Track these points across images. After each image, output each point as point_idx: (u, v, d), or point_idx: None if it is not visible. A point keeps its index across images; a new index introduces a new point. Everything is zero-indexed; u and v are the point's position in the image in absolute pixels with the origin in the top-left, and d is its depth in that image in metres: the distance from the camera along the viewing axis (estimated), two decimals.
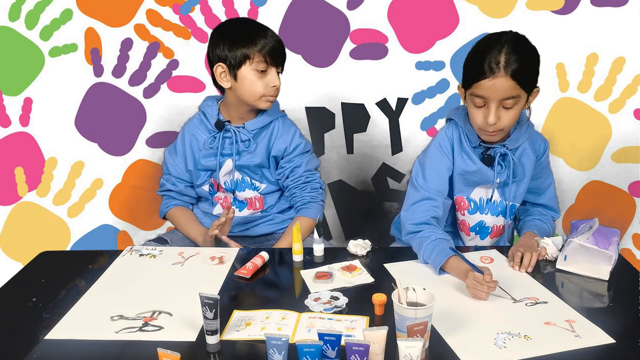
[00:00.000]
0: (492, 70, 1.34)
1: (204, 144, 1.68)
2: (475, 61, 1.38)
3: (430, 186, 1.48)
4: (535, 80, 1.41)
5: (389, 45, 2.09)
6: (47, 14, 2.02)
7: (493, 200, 1.54)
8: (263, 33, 1.57)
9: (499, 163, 1.48)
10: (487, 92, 1.36)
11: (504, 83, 1.34)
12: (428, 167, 1.50)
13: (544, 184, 1.62)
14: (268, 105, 1.62)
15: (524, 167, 1.52)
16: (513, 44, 1.35)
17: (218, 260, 1.48)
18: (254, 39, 1.54)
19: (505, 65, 1.33)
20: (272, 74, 1.58)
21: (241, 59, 1.55)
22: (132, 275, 1.40)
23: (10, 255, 2.16)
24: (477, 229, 1.58)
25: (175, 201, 1.77)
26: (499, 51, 1.34)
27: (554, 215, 1.64)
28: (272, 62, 1.57)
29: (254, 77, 1.56)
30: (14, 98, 2.06)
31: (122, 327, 1.17)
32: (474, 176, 1.51)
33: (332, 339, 1.00)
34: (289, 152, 1.70)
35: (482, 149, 1.49)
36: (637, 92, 2.05)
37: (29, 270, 1.46)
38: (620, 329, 1.14)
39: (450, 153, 1.50)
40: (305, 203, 1.71)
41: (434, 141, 1.54)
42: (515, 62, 1.33)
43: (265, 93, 1.58)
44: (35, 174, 2.13)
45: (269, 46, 1.55)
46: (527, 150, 1.52)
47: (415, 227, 1.45)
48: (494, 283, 1.23)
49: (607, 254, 1.33)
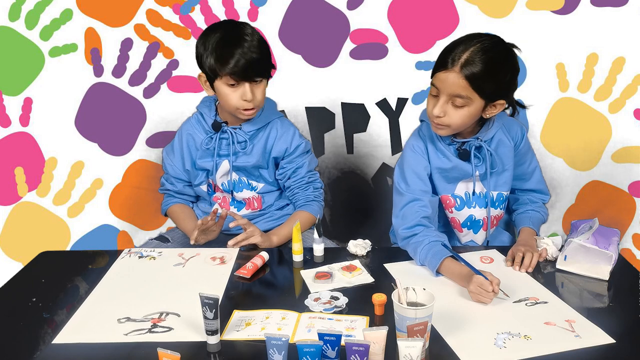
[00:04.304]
0: (449, 63, 1.34)
1: (200, 144, 1.68)
2: (444, 51, 1.38)
3: (413, 188, 1.48)
4: (497, 91, 1.37)
5: (389, 45, 2.09)
6: (47, 14, 2.02)
7: (478, 193, 1.54)
8: (233, 49, 1.50)
9: (475, 156, 1.48)
10: (440, 84, 1.37)
11: (456, 80, 1.33)
12: (407, 170, 1.50)
13: (529, 169, 1.62)
14: (246, 117, 1.61)
15: (501, 158, 1.52)
16: (485, 47, 1.33)
17: (219, 260, 1.48)
18: (220, 56, 1.51)
19: (463, 64, 1.32)
20: (245, 88, 1.54)
21: (212, 75, 1.55)
22: (135, 277, 1.40)
23: (10, 255, 2.16)
24: (468, 223, 1.57)
25: (175, 199, 1.77)
26: (465, 48, 1.33)
27: (544, 198, 1.65)
28: (243, 79, 1.53)
29: (227, 91, 1.55)
30: (14, 98, 2.06)
31: (130, 329, 1.16)
32: (453, 172, 1.51)
33: (332, 339, 1.00)
34: (290, 153, 1.70)
35: (457, 144, 1.49)
36: (637, 92, 2.05)
37: (29, 270, 1.46)
38: (620, 329, 1.14)
39: (424, 152, 1.51)
40: (308, 201, 1.71)
41: (408, 144, 1.55)
42: (475, 64, 1.32)
43: (239, 106, 1.56)
44: (35, 174, 2.13)
45: (237, 64, 1.50)
46: (502, 140, 1.51)
47: (409, 232, 1.44)
48: (497, 288, 1.23)
49: (607, 254, 1.33)
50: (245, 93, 1.54)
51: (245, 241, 1.54)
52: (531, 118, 2.13)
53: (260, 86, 1.57)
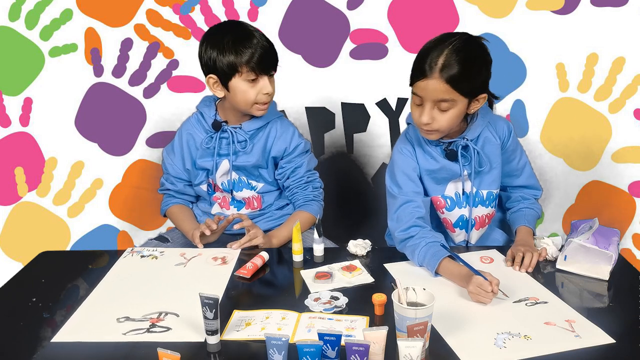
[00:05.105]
0: (427, 70, 1.33)
1: (201, 144, 1.68)
2: (418, 59, 1.38)
3: (405, 190, 1.49)
4: (477, 86, 1.38)
5: (389, 45, 2.09)
6: (47, 14, 2.02)
7: (468, 192, 1.54)
8: (248, 42, 1.52)
9: (462, 155, 1.48)
10: (422, 92, 1.37)
11: (437, 85, 1.34)
12: (397, 172, 1.51)
13: (519, 165, 1.61)
14: (261, 113, 1.62)
15: (488, 156, 1.52)
16: (457, 47, 1.33)
17: (221, 260, 1.48)
18: (240, 51, 1.51)
19: (441, 69, 1.32)
20: (264, 82, 1.56)
21: (230, 72, 1.54)
22: (135, 276, 1.40)
23: (10, 255, 2.16)
24: (459, 223, 1.58)
25: (174, 199, 1.77)
26: (439, 53, 1.33)
27: (536, 193, 1.65)
28: (262, 71, 1.55)
29: (246, 87, 1.55)
30: (14, 98, 2.06)
31: (129, 328, 1.16)
32: (441, 173, 1.51)
33: (332, 339, 1.00)
34: (289, 153, 1.70)
35: (444, 145, 1.49)
36: (637, 92, 2.05)
37: (29, 270, 1.46)
38: (620, 329, 1.14)
39: (412, 154, 1.51)
40: (308, 201, 1.71)
41: (396, 148, 1.55)
42: (452, 66, 1.32)
43: (257, 100, 1.57)
44: (35, 174, 2.13)
45: (256, 56, 1.52)
46: (489, 137, 1.51)
47: (405, 234, 1.44)
48: (497, 288, 1.23)
49: (607, 254, 1.33)
50: (266, 86, 1.56)
51: (247, 243, 1.54)
52: (531, 118, 2.12)
53: (273, 80, 1.60)
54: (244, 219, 1.58)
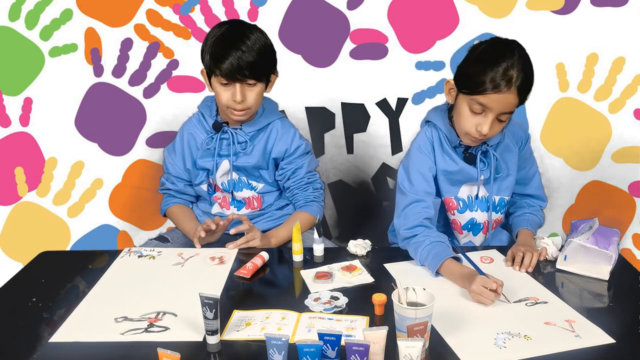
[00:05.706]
0: (503, 84, 1.31)
1: (201, 144, 1.68)
2: (486, 69, 1.33)
3: (417, 188, 1.48)
4: None
5: (389, 45, 2.09)
6: (47, 14, 2.02)
7: (481, 196, 1.54)
8: (230, 48, 1.49)
9: (481, 160, 1.49)
10: (491, 104, 1.34)
11: (511, 99, 1.33)
12: (412, 170, 1.50)
13: (529, 174, 1.62)
14: (236, 118, 1.60)
15: (507, 163, 1.52)
16: (523, 58, 1.34)
17: (218, 260, 1.48)
18: (216, 53, 1.51)
19: (516, 81, 1.32)
20: (235, 89, 1.54)
21: (209, 71, 1.56)
22: (133, 276, 1.40)
23: (10, 255, 2.16)
24: (468, 226, 1.58)
25: (175, 199, 1.77)
26: (511, 65, 1.31)
27: (541, 204, 1.66)
28: (230, 79, 1.52)
29: (220, 89, 1.56)
30: (14, 98, 2.06)
31: (127, 328, 1.16)
32: (457, 175, 1.51)
33: (332, 339, 1.00)
34: (289, 154, 1.70)
35: (464, 148, 1.49)
36: (637, 92, 2.05)
37: (29, 270, 1.46)
38: (620, 329, 1.14)
39: (431, 153, 1.50)
40: (308, 202, 1.71)
41: (414, 144, 1.54)
42: (524, 78, 1.33)
43: (229, 105, 1.56)
44: (35, 174, 2.13)
45: (227, 63, 1.49)
46: (508, 144, 1.52)
47: (409, 232, 1.44)
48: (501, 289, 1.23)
49: (607, 254, 1.33)
50: (235, 94, 1.54)
51: (245, 244, 1.54)
52: (531, 118, 2.12)
53: (253, 89, 1.56)
54: (243, 220, 1.58)
